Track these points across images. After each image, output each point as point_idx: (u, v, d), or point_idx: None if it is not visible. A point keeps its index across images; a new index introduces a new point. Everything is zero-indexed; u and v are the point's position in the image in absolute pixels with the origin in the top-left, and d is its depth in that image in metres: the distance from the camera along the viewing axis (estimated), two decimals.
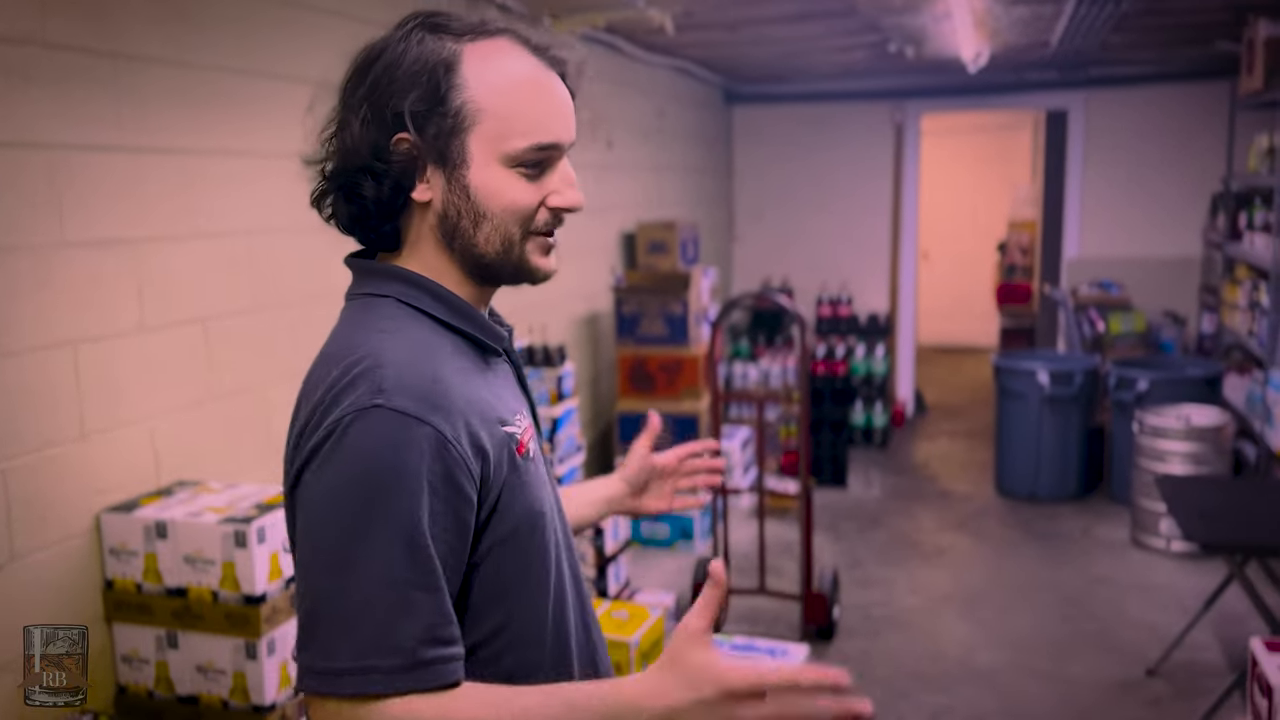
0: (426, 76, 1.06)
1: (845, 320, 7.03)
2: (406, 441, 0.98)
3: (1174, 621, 3.92)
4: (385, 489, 0.97)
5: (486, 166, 1.07)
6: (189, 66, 2.53)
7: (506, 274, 1.13)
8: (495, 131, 1.07)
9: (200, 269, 2.58)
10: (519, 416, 1.12)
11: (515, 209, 1.09)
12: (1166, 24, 4.82)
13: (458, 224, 1.09)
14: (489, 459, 1.04)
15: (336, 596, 0.97)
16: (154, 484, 2.44)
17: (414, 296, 1.10)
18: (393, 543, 0.96)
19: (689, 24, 4.53)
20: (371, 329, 1.07)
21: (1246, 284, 5.12)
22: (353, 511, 0.97)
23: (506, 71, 1.07)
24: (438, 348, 1.08)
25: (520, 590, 1.10)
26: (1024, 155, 9.67)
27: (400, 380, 1.00)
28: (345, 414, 0.98)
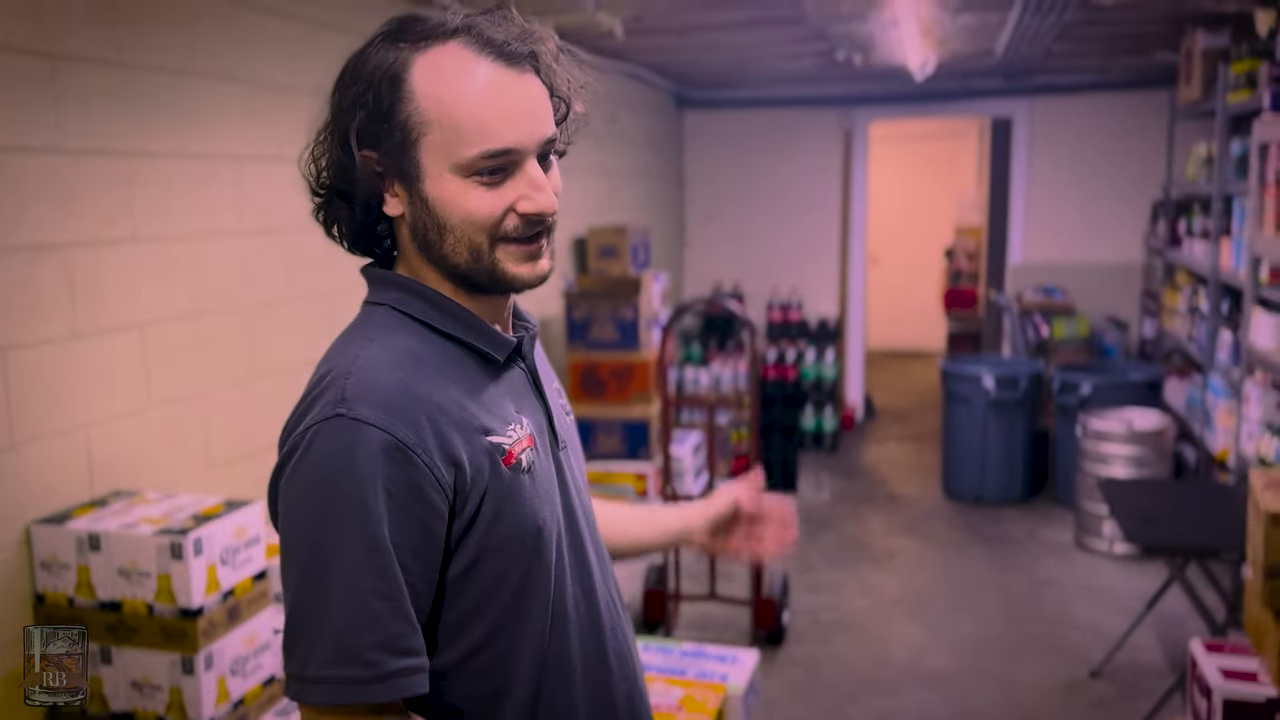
0: (372, 93, 1.04)
1: (796, 325, 7.07)
2: (364, 450, 0.98)
3: (1117, 623, 3.98)
4: (343, 498, 0.97)
5: (440, 178, 1.05)
6: (130, 67, 2.47)
7: (484, 282, 1.10)
8: (443, 142, 1.04)
9: (138, 274, 2.52)
10: (514, 427, 1.09)
11: (475, 218, 1.06)
12: (1108, 34, 4.91)
13: (426, 236, 1.08)
14: (464, 469, 1.02)
15: (304, 605, 0.99)
16: (88, 494, 2.38)
17: (409, 304, 1.10)
18: (352, 552, 0.97)
19: (638, 29, 4.53)
20: (358, 337, 1.08)
21: (1186, 290, 5.22)
22: (313, 522, 0.99)
23: (452, 79, 1.04)
24: (423, 356, 1.07)
25: (507, 608, 1.08)
26: (970, 162, 9.81)
27: (364, 389, 1.00)
28: (310, 425, 1.00)
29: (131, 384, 2.51)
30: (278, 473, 1.05)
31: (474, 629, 1.07)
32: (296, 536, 1.01)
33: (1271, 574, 2.27)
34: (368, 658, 0.97)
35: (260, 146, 2.93)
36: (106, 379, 2.43)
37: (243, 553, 2.24)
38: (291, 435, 1.03)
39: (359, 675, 0.97)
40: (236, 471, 2.88)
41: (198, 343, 2.72)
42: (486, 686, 1.08)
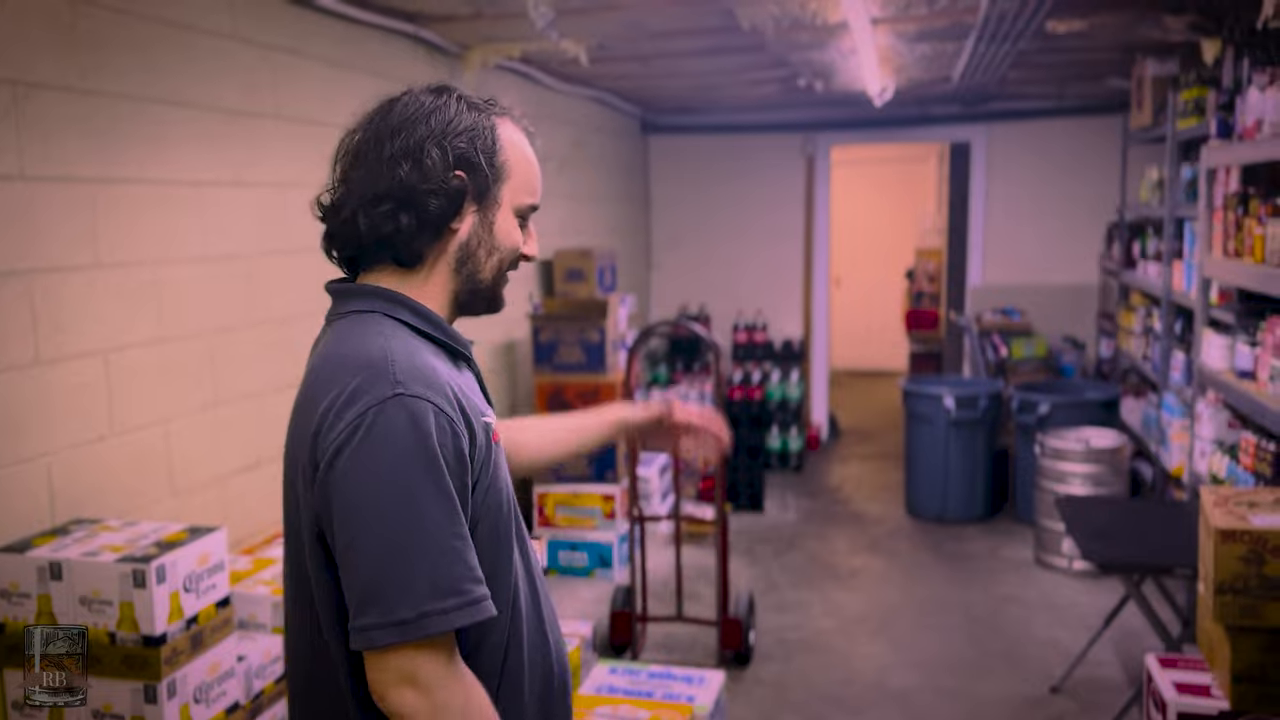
0: (484, 135, 1.32)
1: (761, 346, 7.13)
2: (427, 420, 1.18)
3: (1076, 639, 4.04)
4: (421, 460, 1.17)
5: (506, 212, 1.36)
6: (92, 94, 2.48)
7: (483, 300, 1.39)
8: (517, 187, 1.36)
9: (101, 300, 2.51)
10: (490, 410, 1.36)
11: (514, 248, 1.38)
12: (1061, 61, 5.03)
13: (475, 252, 1.35)
14: (476, 439, 1.26)
15: (391, 559, 1.15)
16: (49, 523, 2.36)
17: (394, 310, 1.31)
18: (434, 504, 1.17)
19: (603, 56, 4.58)
20: (372, 335, 1.26)
21: (1141, 310, 5.33)
22: (397, 484, 1.16)
23: (522, 145, 1.38)
24: (427, 350, 1.29)
25: (490, 564, 1.28)
26: (930, 185, 9.96)
27: (409, 372, 1.21)
28: (370, 405, 1.18)
29: (94, 411, 2.50)
30: (334, 457, 1.18)
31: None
32: (377, 499, 1.16)
33: (1222, 589, 2.33)
34: (462, 588, 1.18)
35: (220, 172, 2.94)
36: (68, 406, 2.42)
37: (206, 579, 2.24)
38: (343, 422, 1.18)
39: (458, 603, 1.17)
40: (200, 498, 2.87)
41: (160, 369, 2.71)
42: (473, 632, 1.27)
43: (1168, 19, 3.94)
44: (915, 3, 3.60)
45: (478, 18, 3.76)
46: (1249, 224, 3.22)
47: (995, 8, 3.43)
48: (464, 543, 1.19)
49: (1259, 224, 3.12)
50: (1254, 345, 3.26)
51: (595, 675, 3.12)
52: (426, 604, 1.15)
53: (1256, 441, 3.22)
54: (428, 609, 1.15)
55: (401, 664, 1.16)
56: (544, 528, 4.85)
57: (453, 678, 1.19)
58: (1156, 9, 3.85)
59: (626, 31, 4.09)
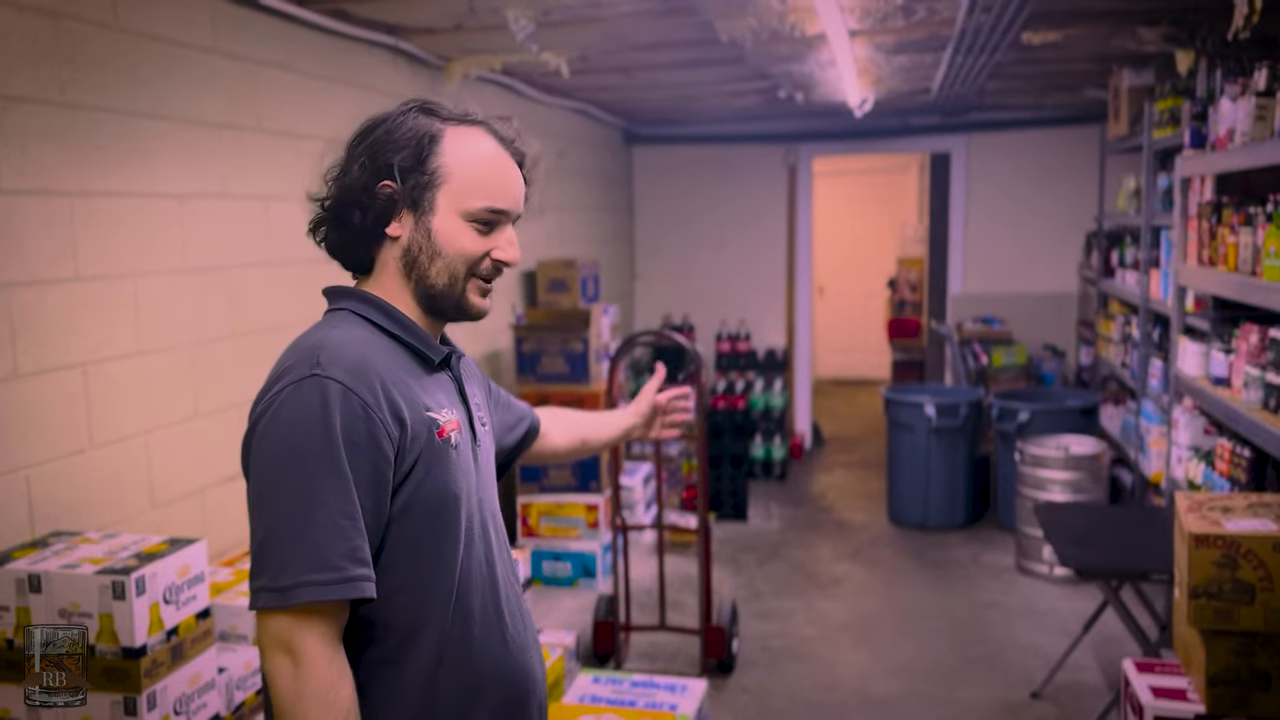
0: (415, 142, 1.36)
1: (744, 355, 7.15)
2: (335, 403, 1.24)
3: (1057, 644, 4.07)
4: (318, 438, 1.23)
5: (447, 217, 1.37)
6: (72, 107, 2.48)
7: (449, 306, 1.40)
8: (458, 191, 1.37)
9: (80, 313, 2.51)
10: (446, 410, 1.38)
11: (463, 253, 1.38)
12: (1039, 73, 5.09)
13: (417, 258, 1.38)
14: (407, 429, 1.29)
15: (279, 527, 1.23)
16: (28, 535, 2.35)
17: (364, 309, 1.39)
18: (325, 480, 1.22)
19: (584, 68, 4.61)
20: (322, 327, 1.36)
21: (1119, 318, 5.38)
22: (293, 456, 1.23)
23: (474, 151, 1.39)
24: (376, 344, 1.34)
25: (426, 556, 1.33)
26: (911, 195, 10.02)
27: (334, 357, 1.27)
28: (286, 385, 1.26)
29: (73, 423, 2.49)
30: (253, 426, 1.28)
31: (398, 570, 1.31)
32: (277, 470, 1.24)
33: (1196, 594, 2.35)
34: (337, 564, 1.22)
35: (203, 184, 2.94)
36: (48, 419, 2.42)
37: (186, 591, 2.24)
38: (267, 395, 1.27)
39: (331, 578, 1.22)
40: (180, 510, 2.86)
41: (140, 381, 2.71)
42: (405, 621, 1.32)
43: (1142, 30, 3.99)
44: (892, 15, 3.63)
45: (458, 30, 3.77)
46: (1222, 232, 3.27)
47: (971, 20, 3.46)
48: (352, 523, 1.24)
49: (1232, 232, 3.16)
50: (1228, 352, 3.29)
51: (578, 684, 3.13)
52: (302, 575, 1.21)
53: (1231, 448, 3.26)
54: (301, 580, 1.21)
55: (280, 629, 1.22)
56: (528, 538, 4.85)
57: (325, 656, 1.23)
58: (1131, 21, 3.89)
59: (607, 44, 4.12)
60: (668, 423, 2.11)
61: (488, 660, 1.39)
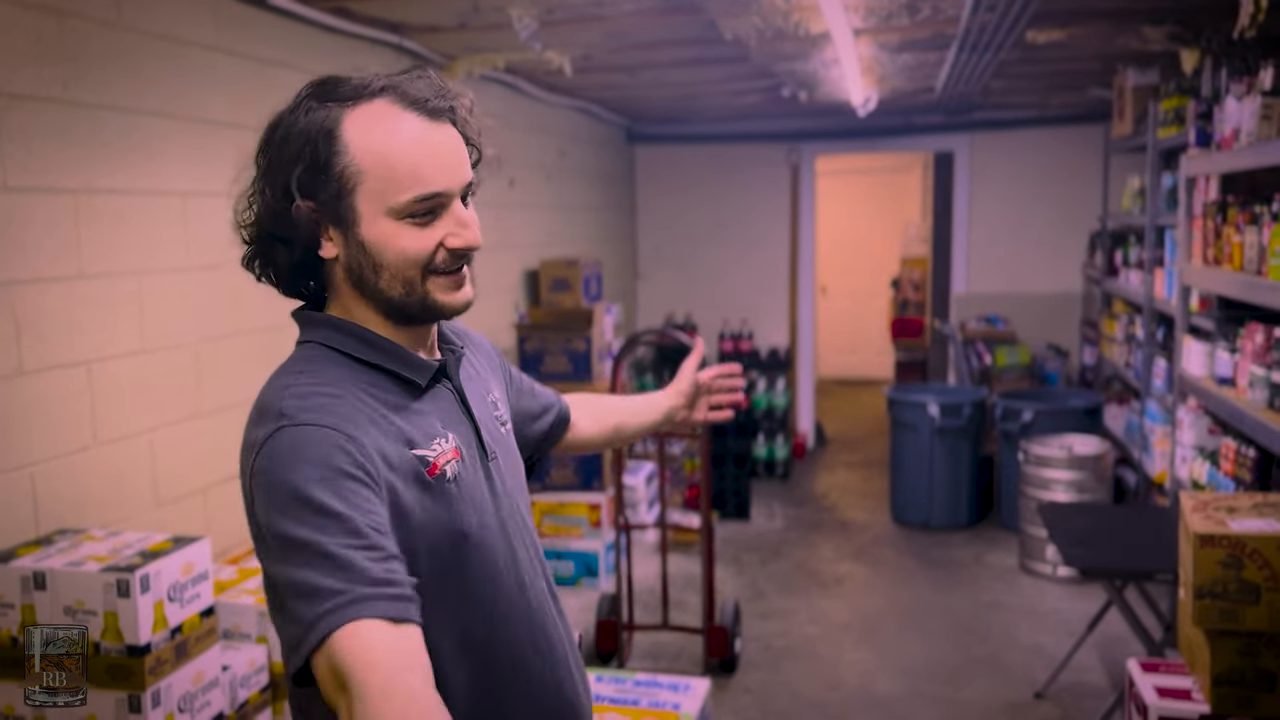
0: (309, 148, 1.14)
1: (747, 355, 7.14)
2: (313, 444, 1.08)
3: (1060, 644, 4.06)
4: (301, 485, 1.05)
5: (375, 221, 1.16)
6: (76, 105, 2.48)
7: (417, 312, 1.21)
8: (378, 189, 1.15)
9: (84, 310, 2.51)
10: (438, 441, 1.19)
11: (408, 256, 1.17)
12: (1043, 71, 5.08)
13: (361, 274, 1.19)
14: (395, 469, 1.13)
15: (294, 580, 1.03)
16: (33, 533, 2.35)
17: (337, 340, 1.21)
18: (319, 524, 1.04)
19: (588, 66, 4.60)
20: (290, 373, 1.18)
21: (1123, 318, 5.37)
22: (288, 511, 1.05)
23: (383, 133, 1.15)
24: (350, 383, 1.17)
25: (435, 604, 1.13)
26: (915, 195, 10.01)
27: (300, 404, 1.11)
28: (258, 445, 1.10)
29: (77, 421, 2.49)
30: (250, 500, 1.12)
31: None
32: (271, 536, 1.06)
33: (1201, 594, 2.35)
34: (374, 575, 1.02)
35: (207, 183, 2.94)
36: (52, 416, 2.42)
37: (190, 589, 2.24)
38: (246, 467, 1.12)
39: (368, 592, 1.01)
40: (184, 508, 2.86)
41: (144, 379, 2.71)
42: None
43: (1147, 29, 3.98)
44: (897, 13, 3.63)
45: (462, 28, 3.77)
46: (1227, 232, 3.26)
47: (976, 19, 3.46)
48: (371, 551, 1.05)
49: (1237, 232, 3.16)
50: (1233, 352, 3.29)
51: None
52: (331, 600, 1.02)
53: (1236, 447, 3.25)
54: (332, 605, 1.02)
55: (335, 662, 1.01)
56: None
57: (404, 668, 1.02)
58: (1136, 19, 3.89)
59: (610, 42, 4.11)
60: (715, 403, 1.87)
61: (530, 709, 1.25)
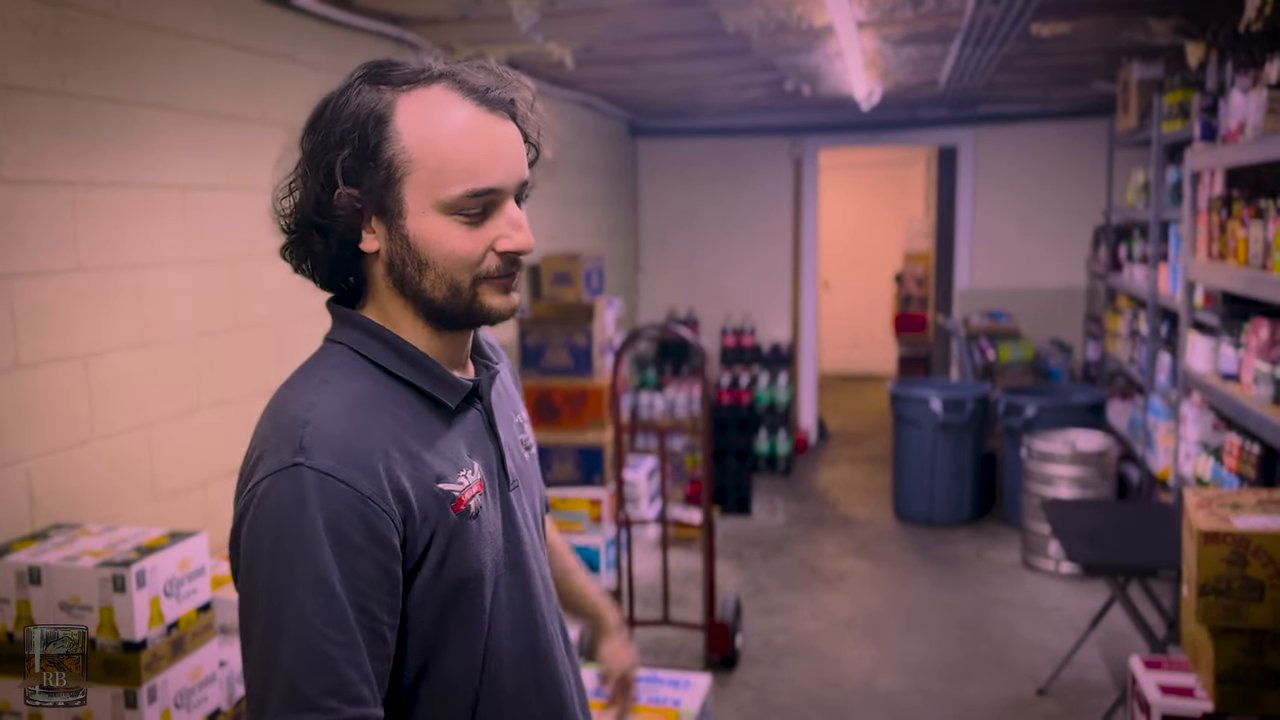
0: (358, 132, 1.07)
1: (749, 350, 7.13)
2: (323, 500, 1.00)
3: (1063, 641, 4.05)
4: (302, 548, 0.99)
5: (423, 215, 1.08)
6: (75, 97, 2.46)
7: (460, 317, 1.13)
8: (428, 181, 1.07)
9: (81, 304, 2.50)
10: (465, 473, 1.12)
11: (456, 256, 1.09)
12: (1047, 65, 5.05)
13: (404, 272, 1.10)
14: (414, 514, 1.05)
15: (265, 653, 0.99)
16: (28, 528, 2.34)
17: (368, 346, 1.12)
18: (307, 600, 0.98)
19: (589, 59, 4.58)
20: (314, 378, 1.10)
21: (1127, 313, 5.35)
22: (273, 571, 1.00)
23: (438, 121, 1.07)
24: (376, 401, 1.09)
25: (443, 646, 1.11)
26: (918, 189, 9.98)
27: (320, 439, 1.02)
28: (266, 475, 1.01)
29: (74, 415, 2.48)
30: (237, 526, 1.05)
31: (412, 664, 1.10)
32: (252, 591, 1.02)
33: (1205, 591, 2.33)
34: (321, 704, 0.98)
35: (207, 175, 2.93)
36: (48, 410, 2.40)
37: (187, 584, 2.22)
38: (248, 487, 1.04)
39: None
40: (181, 503, 2.85)
41: (142, 373, 2.70)
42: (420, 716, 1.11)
43: (1152, 22, 3.96)
44: (900, 6, 3.60)
45: (463, 21, 3.75)
46: (1233, 226, 3.24)
47: (980, 11, 3.43)
48: (343, 649, 0.99)
49: (1242, 226, 3.13)
50: (1238, 348, 3.27)
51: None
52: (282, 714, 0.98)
53: (1240, 443, 3.23)
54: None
55: None
56: None
57: None
58: (1141, 12, 3.86)
59: (612, 35, 4.09)
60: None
61: None
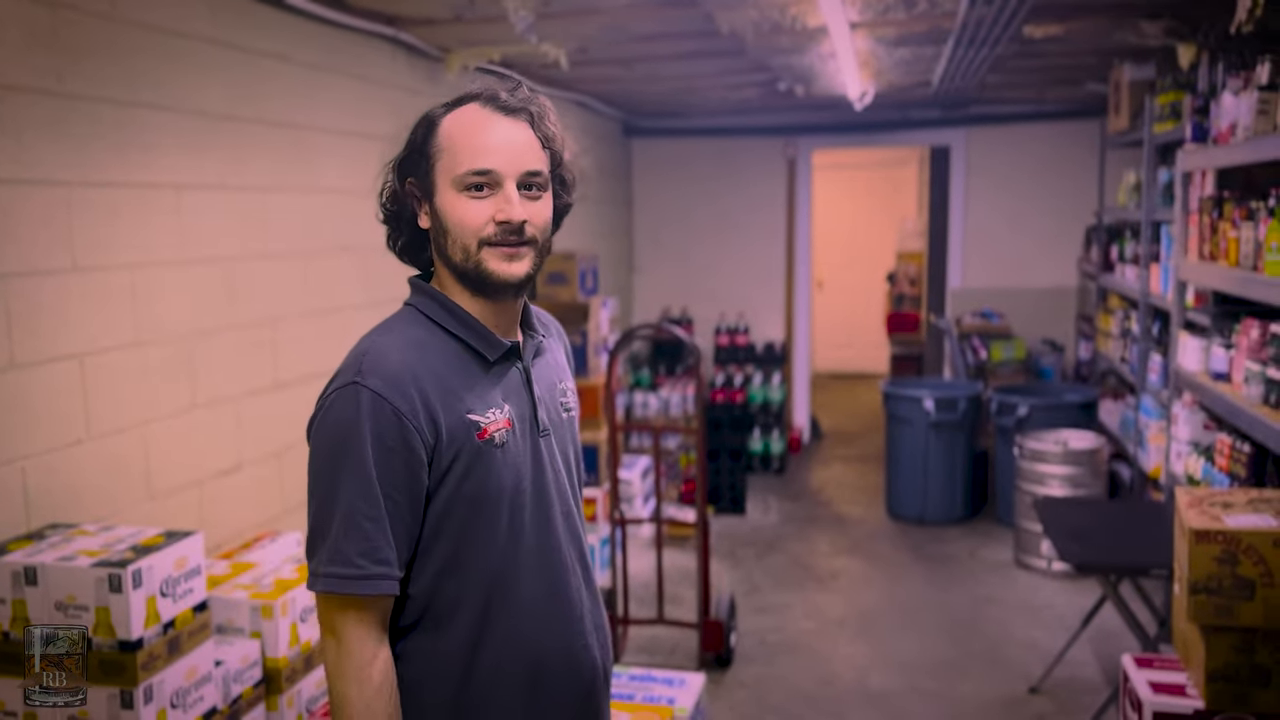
0: (417, 136, 1.45)
1: (743, 349, 7.14)
2: (370, 411, 1.33)
3: (1055, 639, 4.07)
4: (350, 445, 1.33)
5: (445, 191, 1.41)
6: (70, 97, 2.46)
7: (473, 279, 1.42)
8: (449, 164, 1.40)
9: (77, 304, 2.50)
10: (493, 411, 1.42)
11: (464, 224, 1.40)
12: (1039, 66, 5.07)
13: (439, 240, 1.44)
14: (441, 433, 1.36)
15: (317, 522, 1.36)
16: (24, 528, 2.34)
17: (428, 306, 1.46)
18: (352, 484, 1.33)
19: (584, 60, 4.58)
20: (384, 327, 1.45)
21: (1119, 313, 5.37)
22: (329, 461, 1.35)
23: (462, 119, 1.42)
24: (428, 346, 1.41)
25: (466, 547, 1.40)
26: (911, 189, 10.00)
27: (375, 364, 1.36)
28: (333, 389, 1.37)
29: (70, 415, 2.48)
30: (311, 421, 1.40)
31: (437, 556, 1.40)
32: (316, 471, 1.37)
33: (1196, 589, 2.35)
34: (355, 561, 1.33)
35: (203, 176, 2.93)
36: (44, 410, 2.40)
37: (183, 584, 2.23)
38: (322, 396, 1.39)
39: (348, 573, 1.33)
40: (177, 502, 2.85)
41: (137, 372, 2.70)
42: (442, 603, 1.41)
43: (1144, 24, 3.98)
44: (894, 7, 3.62)
45: (457, 21, 3.75)
46: (1224, 227, 3.25)
47: (973, 13, 3.45)
48: (373, 524, 1.33)
49: (1233, 227, 3.15)
50: (1229, 348, 3.28)
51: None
52: (324, 566, 1.34)
53: (1231, 443, 3.25)
54: (323, 571, 1.34)
55: (323, 611, 1.37)
56: None
57: (358, 637, 1.35)
58: (1133, 14, 3.88)
59: (606, 35, 4.10)
60: None
61: (534, 647, 1.45)
